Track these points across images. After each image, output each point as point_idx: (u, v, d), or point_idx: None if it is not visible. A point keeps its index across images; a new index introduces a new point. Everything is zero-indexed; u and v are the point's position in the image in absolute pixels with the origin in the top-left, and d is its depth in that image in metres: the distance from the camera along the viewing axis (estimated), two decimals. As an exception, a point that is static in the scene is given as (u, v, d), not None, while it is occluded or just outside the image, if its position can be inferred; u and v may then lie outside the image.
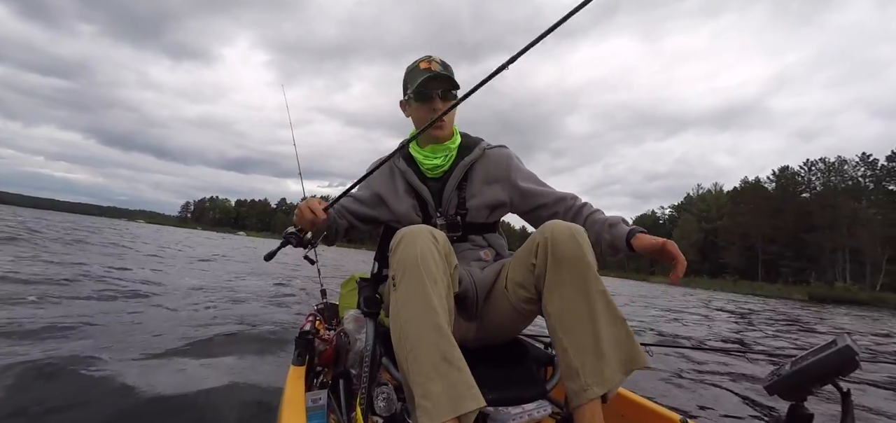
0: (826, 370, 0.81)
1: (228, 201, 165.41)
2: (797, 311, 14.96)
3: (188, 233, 44.43)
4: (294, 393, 1.13)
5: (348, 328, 1.35)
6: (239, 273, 8.08)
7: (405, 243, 0.97)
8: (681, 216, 66.26)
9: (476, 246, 1.28)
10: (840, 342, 0.81)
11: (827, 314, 13.57)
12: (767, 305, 17.78)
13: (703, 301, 14.51)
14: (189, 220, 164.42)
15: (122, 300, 4.07)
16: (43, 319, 2.91)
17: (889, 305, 29.62)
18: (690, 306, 11.40)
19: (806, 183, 56.08)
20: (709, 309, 10.89)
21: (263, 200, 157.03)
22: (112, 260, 7.40)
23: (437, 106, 1.21)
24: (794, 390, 0.86)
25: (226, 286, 5.90)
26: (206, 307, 4.21)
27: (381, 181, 1.32)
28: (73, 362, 2.22)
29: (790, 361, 0.88)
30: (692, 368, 2.71)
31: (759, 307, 14.68)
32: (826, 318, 11.92)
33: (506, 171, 1.28)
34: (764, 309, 13.87)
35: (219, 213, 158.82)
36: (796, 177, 57.09)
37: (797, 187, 56.30)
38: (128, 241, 14.10)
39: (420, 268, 0.92)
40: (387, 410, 1.05)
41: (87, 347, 2.52)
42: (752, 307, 13.98)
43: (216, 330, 3.40)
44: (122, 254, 8.93)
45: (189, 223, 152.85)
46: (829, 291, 36.81)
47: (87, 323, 2.99)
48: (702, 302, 13.85)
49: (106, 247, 10.21)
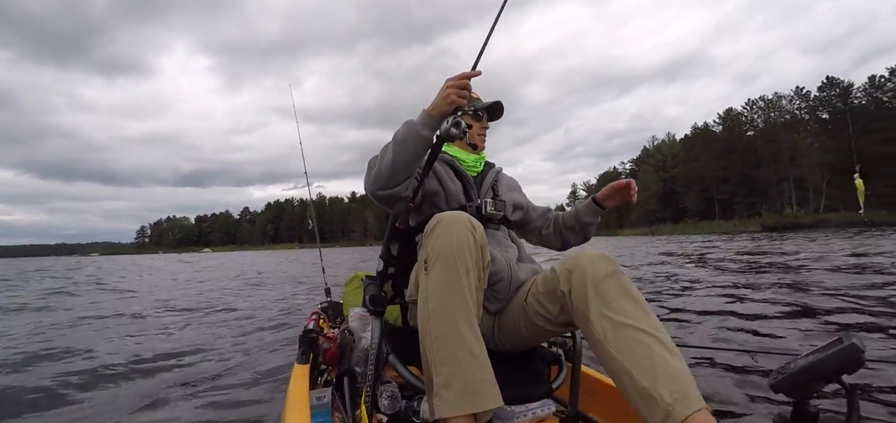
0: (831, 368, 0.80)
1: (188, 219, 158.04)
2: (746, 243, 16.00)
3: (151, 259, 42.16)
4: (298, 391, 1.12)
5: (353, 326, 1.36)
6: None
7: (442, 228, 0.96)
8: (640, 169, 68.65)
9: (506, 238, 1.35)
10: (846, 340, 0.80)
11: (771, 246, 14.52)
12: (723, 241, 18.82)
13: (666, 251, 15.19)
14: (148, 244, 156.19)
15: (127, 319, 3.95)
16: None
17: (831, 224, 32.20)
18: (660, 256, 11.93)
19: (749, 122, 59.39)
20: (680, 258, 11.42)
21: (225, 213, 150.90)
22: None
23: (486, 125, 1.45)
24: (799, 387, 0.84)
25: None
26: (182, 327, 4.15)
27: (435, 164, 1.38)
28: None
29: (795, 358, 0.87)
30: (692, 362, 2.61)
31: (720, 246, 15.43)
32: (769, 250, 12.74)
33: (519, 188, 1.57)
34: (720, 248, 14.66)
35: (179, 232, 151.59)
36: (740, 117, 60.31)
37: (742, 127, 59.49)
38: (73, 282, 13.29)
39: (455, 257, 0.92)
40: (391, 407, 1.04)
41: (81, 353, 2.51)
42: (708, 247, 14.72)
43: (215, 334, 3.39)
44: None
45: (148, 248, 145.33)
46: (779, 219, 39.66)
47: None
48: (664, 253, 14.48)
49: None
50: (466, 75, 1.13)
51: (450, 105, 1.11)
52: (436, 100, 1.13)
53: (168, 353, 2.97)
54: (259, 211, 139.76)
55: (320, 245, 3.12)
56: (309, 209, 3.14)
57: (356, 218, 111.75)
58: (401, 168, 1.12)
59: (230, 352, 3.01)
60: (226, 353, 2.98)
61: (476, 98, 1.44)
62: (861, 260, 7.19)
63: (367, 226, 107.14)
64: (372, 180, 1.16)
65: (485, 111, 1.44)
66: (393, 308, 1.37)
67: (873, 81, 48.45)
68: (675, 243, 19.73)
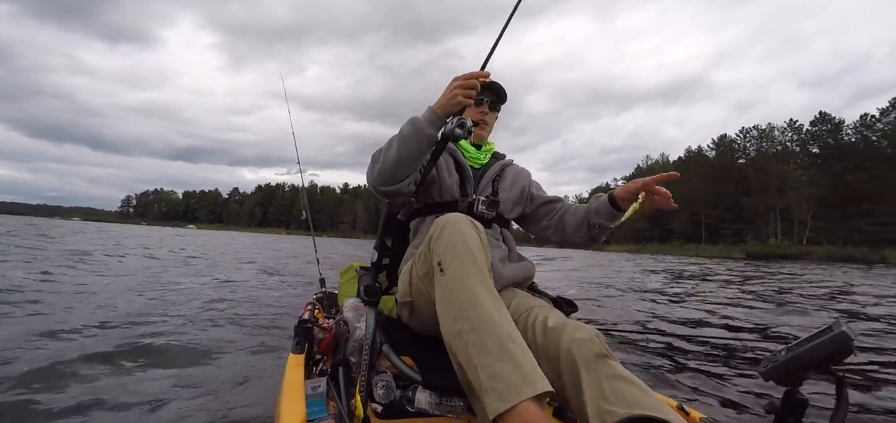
0: (821, 356, 0.81)
1: (175, 193, 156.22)
2: (725, 271, 16.21)
3: (132, 228, 41.51)
4: (293, 381, 1.13)
5: (348, 316, 1.36)
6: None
7: (451, 228, 0.97)
8: (632, 186, 69.21)
9: (497, 237, 1.35)
10: (835, 329, 0.81)
11: (760, 272, 14.71)
12: (708, 265, 19.13)
13: (650, 268, 15.33)
14: (132, 215, 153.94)
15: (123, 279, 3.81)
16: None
17: (814, 257, 32.77)
18: (642, 276, 12.04)
19: (742, 149, 60.22)
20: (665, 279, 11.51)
21: (214, 191, 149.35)
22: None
23: (485, 110, 1.42)
24: (790, 375, 0.85)
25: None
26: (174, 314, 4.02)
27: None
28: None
29: (785, 347, 0.88)
30: (683, 353, 2.67)
31: (699, 270, 15.68)
32: (755, 276, 12.91)
33: (527, 180, 1.52)
34: (699, 270, 14.87)
35: (165, 206, 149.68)
36: (733, 144, 61.14)
37: (734, 154, 60.32)
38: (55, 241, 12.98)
39: (472, 252, 0.92)
40: (386, 397, 1.06)
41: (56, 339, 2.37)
42: (691, 269, 14.96)
43: (210, 316, 3.33)
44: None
45: (132, 219, 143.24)
46: (764, 248, 40.14)
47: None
48: (647, 269, 14.61)
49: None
50: (474, 75, 1.12)
51: (456, 105, 1.11)
52: (442, 97, 1.13)
53: (161, 343, 2.82)
54: (249, 193, 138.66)
55: (314, 234, 3.09)
56: (302, 198, 3.11)
57: (347, 210, 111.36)
58: (404, 164, 1.15)
59: (223, 341, 2.93)
60: (219, 341, 2.90)
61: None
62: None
63: (356, 218, 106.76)
64: (375, 175, 1.19)
65: (486, 94, 1.40)
66: (387, 299, 1.40)
67: (864, 119, 49.44)
68: (661, 264, 19.89)
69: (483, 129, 1.43)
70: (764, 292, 7.35)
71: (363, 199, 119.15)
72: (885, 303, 6.35)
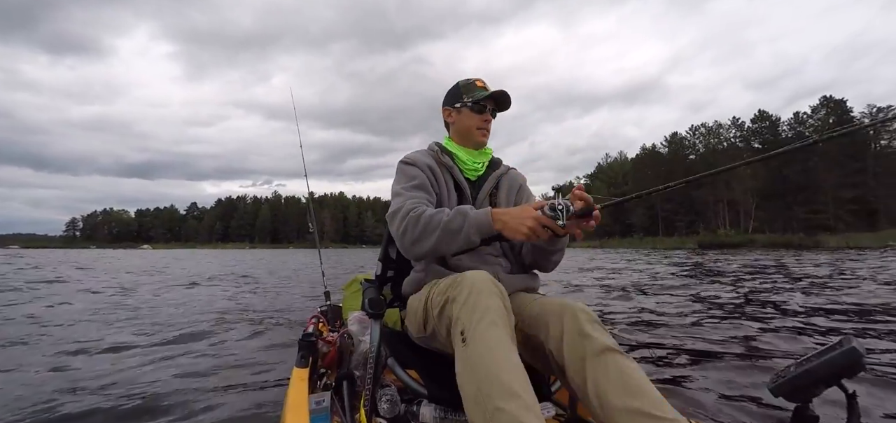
0: (831, 372, 0.79)
1: (127, 212, 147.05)
2: (679, 262, 17.23)
3: (78, 253, 37.61)
4: (298, 395, 1.11)
5: (352, 330, 1.35)
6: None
7: (476, 292, 0.95)
8: (593, 184, 72.10)
9: (495, 253, 1.33)
10: (845, 344, 0.79)
11: (709, 262, 15.62)
12: (665, 258, 20.07)
13: (616, 265, 15.89)
14: (78, 238, 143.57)
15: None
16: None
17: (758, 244, 35.44)
18: (613, 269, 12.57)
19: (692, 146, 64.25)
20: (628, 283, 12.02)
21: (171, 207, 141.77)
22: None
23: (489, 118, 1.39)
24: (799, 391, 0.84)
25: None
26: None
27: (431, 171, 1.35)
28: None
29: (795, 362, 0.86)
30: (688, 365, 2.55)
31: (661, 266, 16.35)
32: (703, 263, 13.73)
33: (520, 187, 1.48)
34: (658, 264, 15.65)
35: (116, 227, 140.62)
36: (684, 141, 65.12)
37: (685, 150, 64.23)
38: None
39: (498, 323, 0.91)
40: (390, 411, 1.04)
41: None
42: (652, 265, 15.65)
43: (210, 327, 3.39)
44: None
45: (79, 242, 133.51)
46: (714, 237, 43.17)
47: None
48: (612, 264, 15.10)
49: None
50: (555, 228, 1.03)
51: (518, 236, 1.05)
52: (511, 219, 1.06)
53: (164, 355, 2.87)
54: (209, 207, 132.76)
55: (313, 246, 2.96)
56: (309, 211, 3.14)
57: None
58: (440, 251, 1.14)
59: (227, 355, 2.91)
60: (222, 356, 2.89)
61: (480, 87, 1.38)
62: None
63: (324, 228, 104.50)
64: (408, 247, 1.17)
65: (489, 102, 1.38)
66: (392, 312, 1.36)
67: (798, 116, 54.20)
68: (625, 259, 19.81)
69: (484, 136, 1.40)
70: (722, 283, 7.99)
71: (329, 208, 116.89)
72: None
